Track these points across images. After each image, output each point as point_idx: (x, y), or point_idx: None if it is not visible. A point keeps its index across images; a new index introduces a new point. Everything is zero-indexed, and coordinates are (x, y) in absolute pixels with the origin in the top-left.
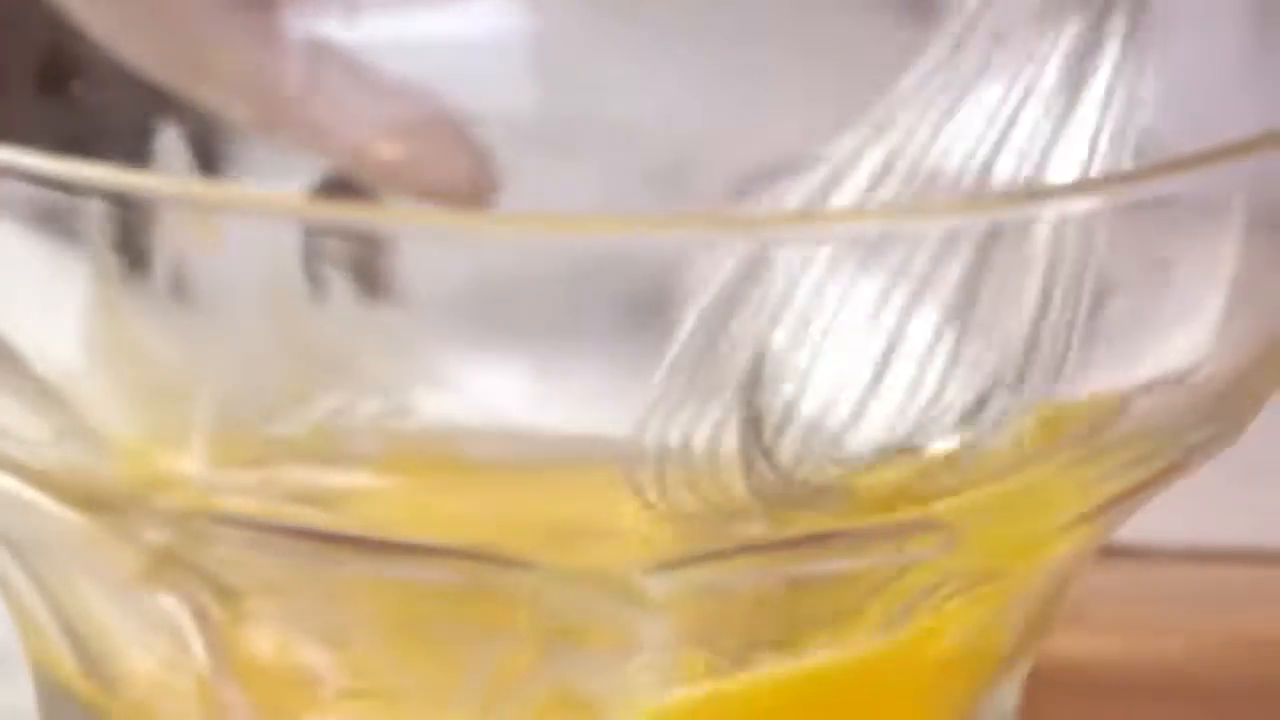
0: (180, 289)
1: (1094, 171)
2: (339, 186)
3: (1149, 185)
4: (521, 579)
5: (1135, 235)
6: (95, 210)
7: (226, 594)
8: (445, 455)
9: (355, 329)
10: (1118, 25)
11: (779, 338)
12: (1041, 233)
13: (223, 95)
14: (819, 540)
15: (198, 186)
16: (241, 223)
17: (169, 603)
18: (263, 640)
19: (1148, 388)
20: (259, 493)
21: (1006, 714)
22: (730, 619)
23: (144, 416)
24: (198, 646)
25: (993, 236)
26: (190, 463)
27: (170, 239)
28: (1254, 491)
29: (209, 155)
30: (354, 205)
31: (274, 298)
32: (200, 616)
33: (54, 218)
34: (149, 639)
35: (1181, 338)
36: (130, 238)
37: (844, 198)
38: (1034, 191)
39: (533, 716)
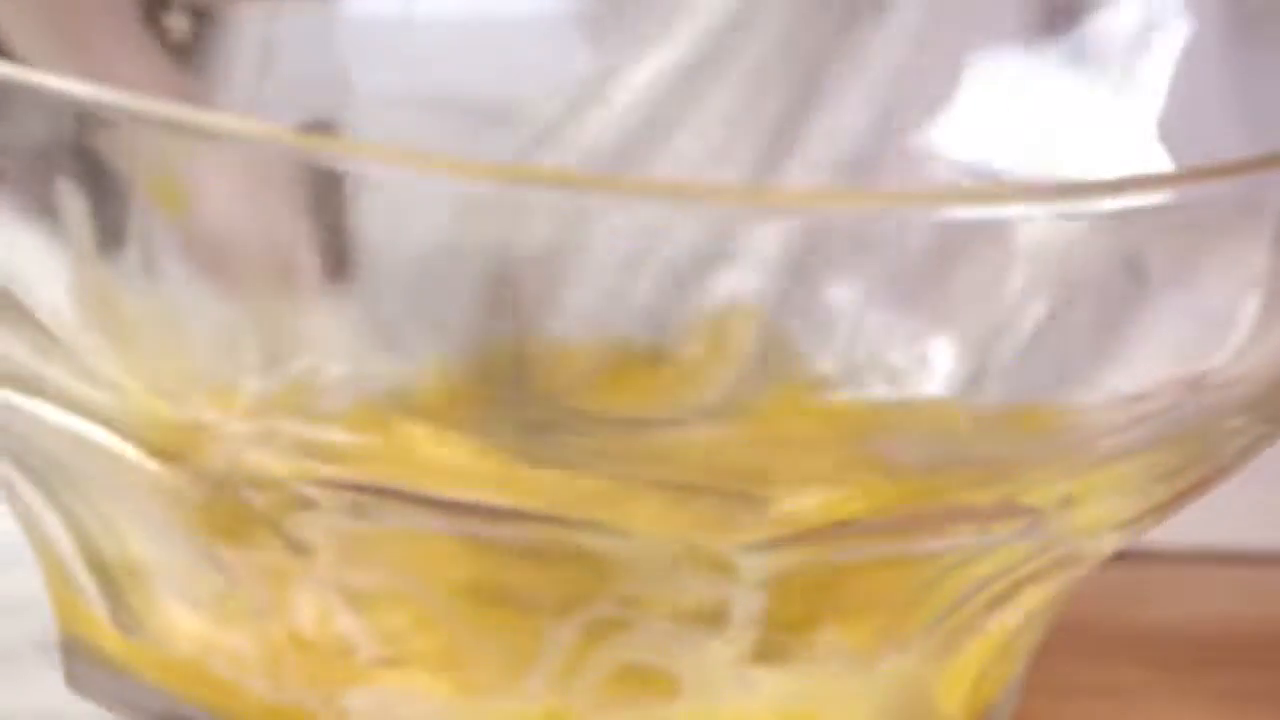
0: (150, 266)
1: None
2: None
3: (1180, 192)
4: (610, 547)
5: (1165, 238)
6: (70, 185)
7: (300, 550)
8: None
9: (318, 308)
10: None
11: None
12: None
13: None
14: (919, 519)
15: (169, 107)
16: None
17: (237, 555)
18: (327, 605)
19: (1185, 387)
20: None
21: (1005, 718)
22: (813, 599)
23: (149, 373)
24: (261, 602)
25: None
26: (212, 416)
27: (140, 214)
28: (1255, 492)
29: None
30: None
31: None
32: (269, 572)
33: (32, 190)
34: (203, 591)
35: (1216, 339)
36: (103, 214)
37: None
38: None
39: (604, 689)
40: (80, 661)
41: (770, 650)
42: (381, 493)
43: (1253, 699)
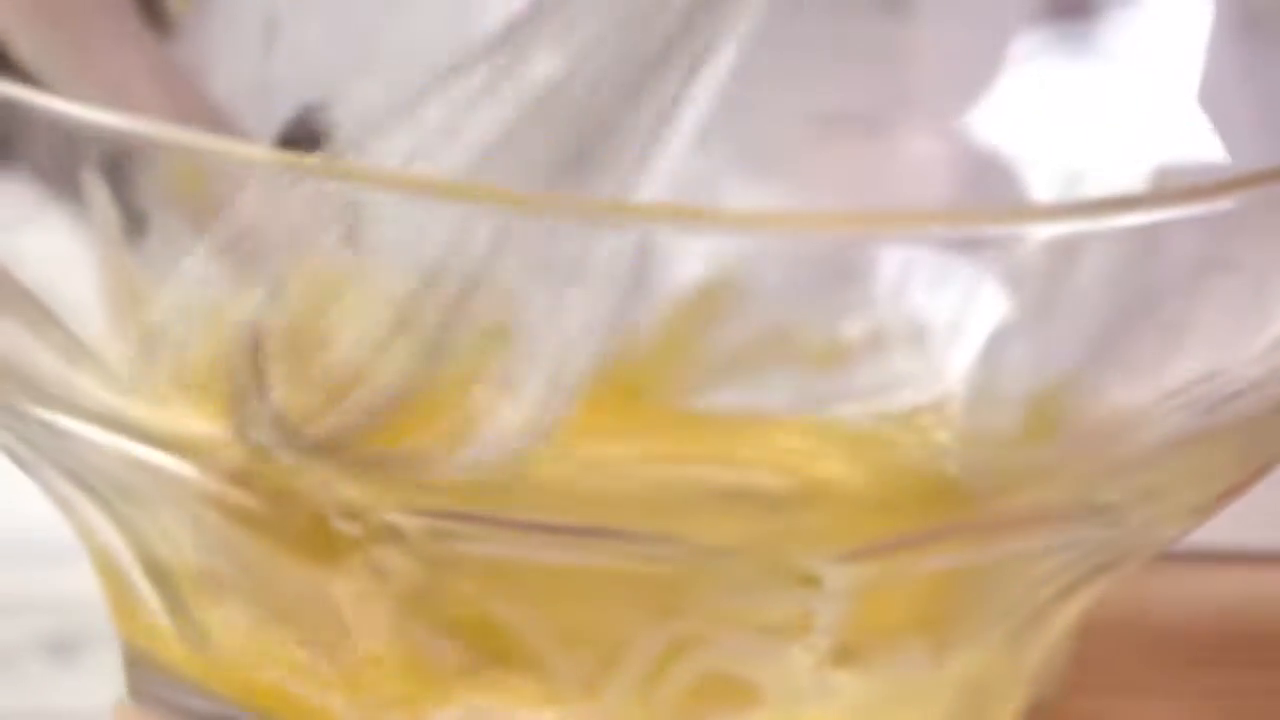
0: (174, 254)
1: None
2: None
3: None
4: (698, 560)
5: (1196, 238)
6: (93, 170)
7: (382, 576)
8: None
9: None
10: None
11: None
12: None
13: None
14: (1008, 525)
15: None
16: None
17: (312, 576)
18: (405, 624)
19: (1222, 378)
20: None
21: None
22: (889, 600)
23: (180, 381)
24: (337, 620)
25: None
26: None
27: (159, 199)
28: (1255, 492)
29: None
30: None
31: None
32: (348, 593)
33: (59, 180)
34: (272, 607)
35: (1253, 330)
36: (126, 197)
37: None
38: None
39: (685, 699)
40: (144, 675)
41: (849, 654)
42: (465, 518)
43: (1252, 699)
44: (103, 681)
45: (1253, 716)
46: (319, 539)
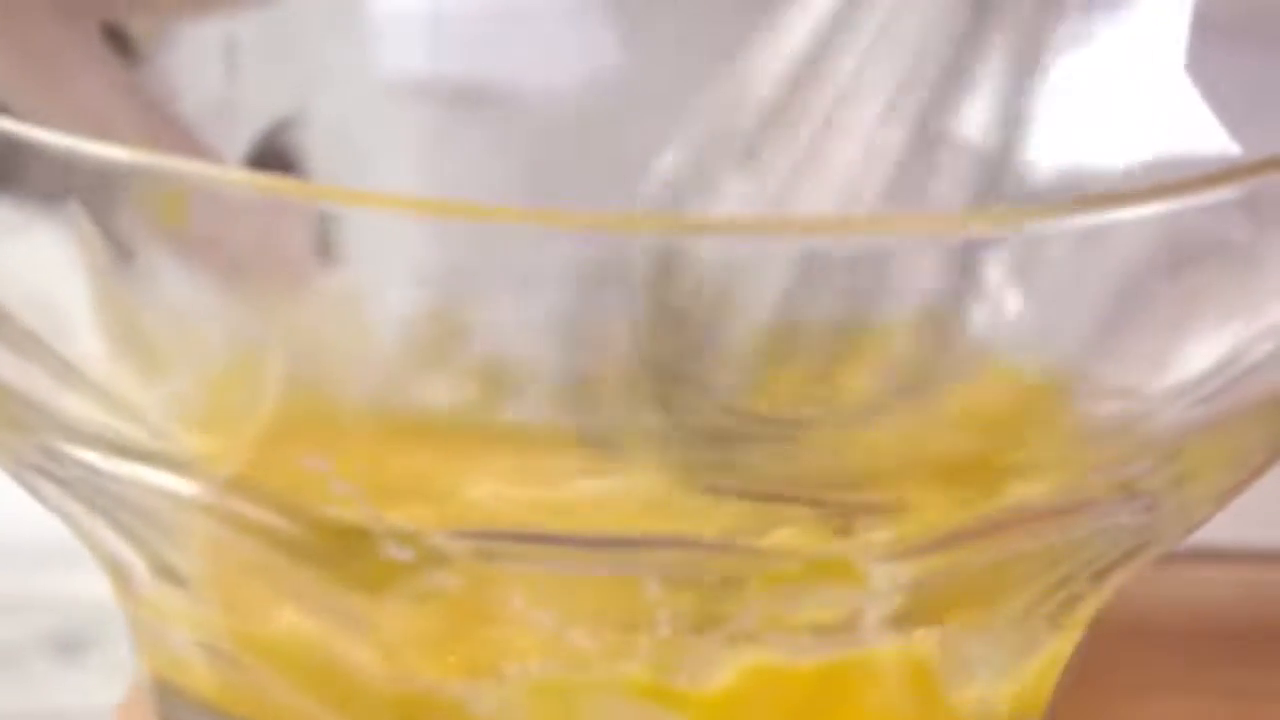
0: (154, 274)
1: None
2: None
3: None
4: (748, 564)
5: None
6: (76, 200)
7: (424, 599)
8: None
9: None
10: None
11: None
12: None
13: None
14: (1044, 516)
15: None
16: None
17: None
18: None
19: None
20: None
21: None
22: (932, 589)
23: (181, 403)
24: (375, 642)
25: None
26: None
27: (142, 225)
28: (1255, 491)
29: None
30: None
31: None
32: (390, 616)
33: (44, 209)
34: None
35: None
36: (109, 224)
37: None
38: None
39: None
40: (174, 704)
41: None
42: (512, 538)
43: (1253, 698)
44: (106, 680)
45: (1253, 716)
46: (364, 567)
